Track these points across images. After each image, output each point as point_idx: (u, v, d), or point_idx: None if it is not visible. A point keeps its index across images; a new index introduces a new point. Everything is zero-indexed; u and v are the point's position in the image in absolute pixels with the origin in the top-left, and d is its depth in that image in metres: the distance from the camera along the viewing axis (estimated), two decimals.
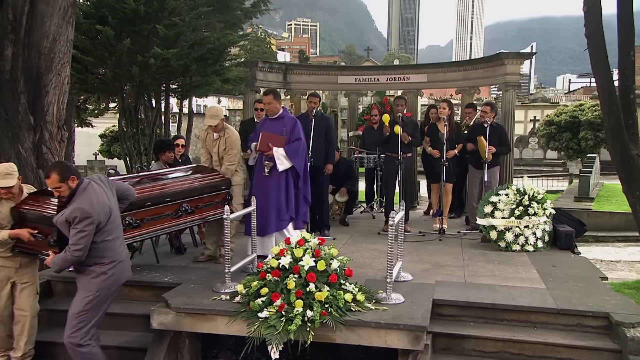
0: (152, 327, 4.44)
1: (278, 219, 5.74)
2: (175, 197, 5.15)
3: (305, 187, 6.00)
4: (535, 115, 28.89)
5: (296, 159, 5.79)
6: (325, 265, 4.36)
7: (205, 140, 5.95)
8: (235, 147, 5.78)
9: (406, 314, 4.23)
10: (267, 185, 5.77)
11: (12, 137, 6.90)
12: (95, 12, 10.62)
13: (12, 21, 6.78)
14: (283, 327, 4.01)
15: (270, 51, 64.03)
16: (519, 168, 25.07)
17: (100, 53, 10.83)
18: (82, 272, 3.98)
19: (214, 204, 5.59)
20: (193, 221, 5.46)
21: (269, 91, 6.00)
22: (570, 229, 6.61)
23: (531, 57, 8.12)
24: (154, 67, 10.54)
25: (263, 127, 5.98)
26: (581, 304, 4.50)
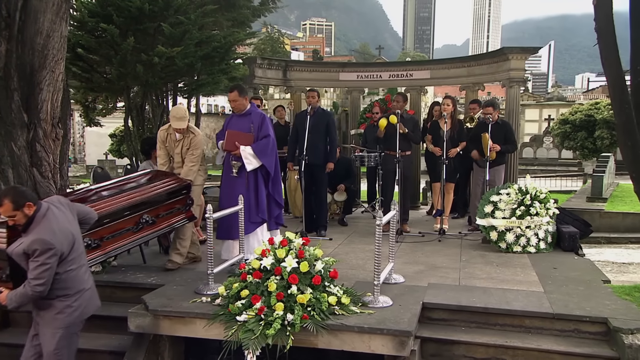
0: (129, 329, 4.29)
1: (248, 222, 5.42)
2: (134, 209, 4.79)
3: (276, 187, 5.76)
4: (550, 114, 28.42)
5: (265, 157, 5.53)
6: (309, 267, 4.19)
7: (165, 141, 5.61)
8: (200, 148, 5.51)
9: (392, 318, 4.04)
10: (235, 186, 5.49)
11: (5, 135, 6.81)
12: (101, 11, 10.56)
13: (6, 17, 6.70)
14: (261, 331, 3.84)
15: (284, 51, 64.00)
16: (533, 168, 24.73)
17: (106, 52, 10.77)
18: (44, 307, 3.53)
19: (176, 210, 5.28)
20: (156, 232, 5.11)
21: (233, 87, 5.70)
22: (574, 229, 6.36)
23: (536, 52, 7.86)
24: (158, 66, 10.45)
25: (230, 124, 5.70)
26: (579, 309, 4.27)
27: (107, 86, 12.17)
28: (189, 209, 5.35)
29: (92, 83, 12.09)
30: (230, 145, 5.44)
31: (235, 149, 5.43)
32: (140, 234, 4.84)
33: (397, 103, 7.24)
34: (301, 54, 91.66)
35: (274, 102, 29.05)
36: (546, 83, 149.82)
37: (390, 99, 9.55)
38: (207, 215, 4.54)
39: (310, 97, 7.04)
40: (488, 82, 9.05)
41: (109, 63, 10.78)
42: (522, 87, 7.97)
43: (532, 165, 25.48)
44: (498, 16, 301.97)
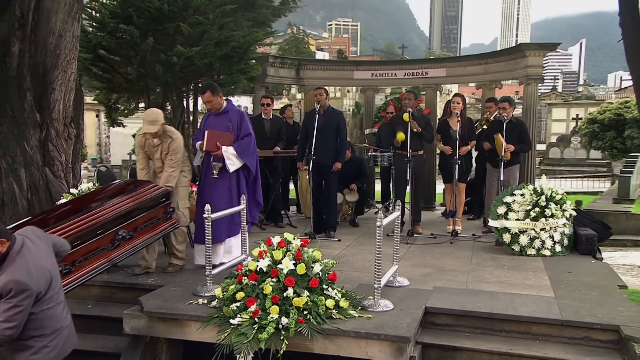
0: (124, 331, 4.23)
1: (231, 224, 5.28)
2: (109, 226, 4.35)
3: (256, 187, 5.60)
4: (577, 114, 27.74)
5: (247, 156, 5.37)
6: (306, 269, 4.07)
7: (144, 146, 5.33)
8: (179, 152, 5.21)
9: (391, 323, 3.90)
10: (216, 187, 5.33)
11: (18, 134, 6.87)
12: (121, 12, 10.65)
13: (20, 18, 6.75)
14: (254, 335, 3.74)
15: (309, 51, 64.00)
16: (560, 168, 24.21)
17: (126, 52, 10.87)
18: (17, 349, 3.21)
19: (156, 220, 4.92)
20: (135, 247, 4.68)
21: (205, 88, 5.45)
22: (592, 232, 6.11)
23: (554, 48, 7.59)
24: (177, 66, 10.49)
25: (207, 124, 5.48)
26: (590, 315, 4.07)
27: (128, 87, 12.26)
28: (171, 216, 5.08)
29: (112, 84, 12.21)
30: (211, 146, 5.21)
31: (217, 150, 5.23)
32: (117, 252, 4.43)
33: (409, 101, 7.07)
34: (326, 54, 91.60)
35: (295, 101, 28.93)
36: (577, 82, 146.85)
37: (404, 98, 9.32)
38: (205, 216, 4.47)
39: (318, 95, 6.91)
40: (505, 79, 8.81)
41: (129, 64, 10.88)
42: (540, 84, 7.71)
43: (559, 166, 24.93)
44: (527, 14, 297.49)
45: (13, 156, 6.86)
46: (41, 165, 7.06)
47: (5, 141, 6.81)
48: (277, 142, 7.76)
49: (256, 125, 7.83)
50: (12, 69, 6.80)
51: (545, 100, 35.46)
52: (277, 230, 7.53)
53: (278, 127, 7.87)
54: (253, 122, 8.04)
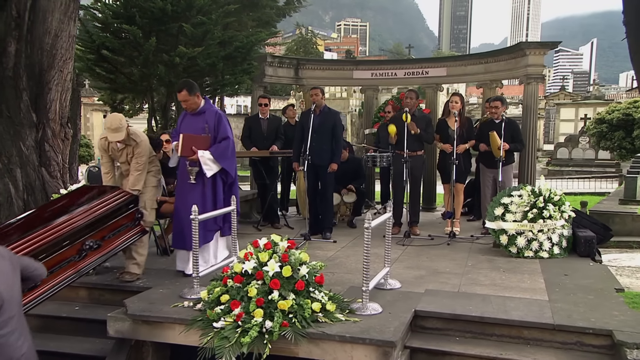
0: (108, 334, 4.18)
1: (204, 230, 5.04)
2: (75, 236, 4.12)
3: (234, 191, 5.35)
4: (586, 113, 27.48)
5: (225, 160, 5.14)
6: (292, 271, 4.00)
7: (108, 149, 5.09)
8: (145, 155, 5.01)
9: (377, 326, 3.81)
10: (190, 191, 5.13)
11: (14, 134, 6.85)
12: (124, 12, 10.66)
13: (16, 17, 6.73)
14: (237, 339, 3.67)
15: (317, 51, 63.97)
16: (568, 169, 24.00)
17: (130, 53, 10.88)
18: None
19: (124, 227, 4.69)
20: (104, 255, 4.44)
21: (181, 86, 5.16)
22: (591, 234, 5.98)
23: (555, 47, 7.48)
24: (180, 66, 10.48)
25: (182, 125, 5.29)
26: (583, 320, 3.96)
27: (131, 87, 12.25)
28: (139, 222, 4.85)
29: (116, 84, 12.22)
30: (186, 151, 4.98)
31: (192, 154, 4.99)
32: (85, 262, 4.21)
33: (410, 100, 6.98)
34: (334, 54, 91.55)
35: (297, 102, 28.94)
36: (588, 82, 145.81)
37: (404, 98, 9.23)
38: (192, 217, 4.40)
39: (314, 95, 6.82)
40: (505, 78, 8.68)
41: (133, 64, 10.89)
42: (540, 83, 7.59)
43: (567, 166, 24.72)
44: (538, 14, 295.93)
45: (9, 156, 6.84)
46: (37, 166, 7.04)
47: (1, 141, 6.79)
48: (275, 142, 7.70)
49: (253, 125, 7.82)
50: (8, 69, 6.78)
51: (554, 100, 35.20)
52: (273, 231, 7.45)
53: (275, 127, 7.82)
54: (250, 122, 8.05)
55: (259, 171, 7.70)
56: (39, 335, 4.51)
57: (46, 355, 4.33)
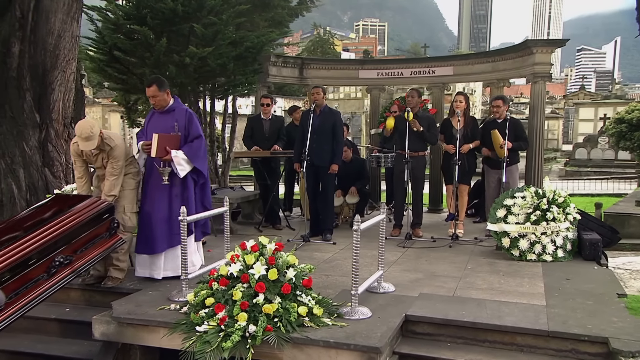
0: (93, 337, 4.14)
1: (171, 234, 4.86)
2: (44, 253, 3.82)
3: (204, 192, 5.21)
4: (605, 113, 26.94)
5: (198, 160, 4.98)
6: (278, 274, 3.92)
7: (81, 154, 4.81)
8: (121, 159, 4.76)
9: (364, 332, 3.71)
10: (161, 193, 4.92)
11: (17, 134, 6.88)
12: (136, 13, 10.71)
13: (20, 18, 6.77)
14: (218, 344, 3.59)
15: (334, 52, 63.92)
16: (586, 169, 23.55)
17: (141, 53, 10.94)
18: None
19: (99, 239, 4.39)
20: (75, 272, 4.12)
21: (151, 81, 4.99)
22: (597, 236, 5.80)
23: (563, 45, 7.28)
24: (191, 67, 10.51)
25: (151, 123, 5.08)
26: (579, 326, 3.81)
27: (143, 88, 12.30)
28: (116, 232, 4.57)
29: (127, 85, 12.33)
30: (160, 152, 4.77)
31: (166, 154, 4.80)
32: (54, 280, 3.90)
33: (412, 99, 6.86)
34: (352, 54, 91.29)
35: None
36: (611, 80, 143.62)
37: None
38: (181, 218, 4.34)
39: (315, 94, 6.71)
40: (513, 77, 8.50)
41: (144, 65, 10.95)
42: (547, 81, 7.40)
43: (586, 167, 24.26)
44: (559, 12, 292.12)
45: (12, 156, 6.88)
46: (40, 166, 7.06)
47: (4, 142, 6.83)
48: (277, 142, 7.63)
49: (255, 125, 7.76)
50: (12, 70, 6.82)
51: (573, 99, 34.65)
52: (274, 232, 7.41)
53: (277, 128, 7.75)
54: (252, 122, 7.99)
55: (261, 172, 7.65)
56: (28, 337, 4.54)
57: (34, 358, 4.33)
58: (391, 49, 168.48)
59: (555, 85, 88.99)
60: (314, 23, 74.35)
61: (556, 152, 30.76)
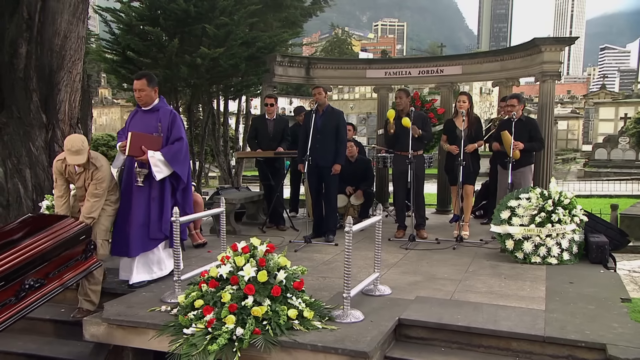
0: (83, 338, 4.12)
1: (147, 238, 4.72)
2: (12, 276, 3.56)
3: (187, 198, 5.01)
4: (626, 113, 26.44)
5: (178, 164, 4.76)
6: (268, 276, 3.86)
7: (64, 172, 4.59)
8: (106, 181, 4.54)
9: (354, 335, 3.64)
10: (137, 195, 4.74)
11: (24, 135, 6.94)
12: (149, 14, 10.79)
13: (27, 19, 6.82)
14: (205, 346, 3.55)
15: (351, 52, 63.84)
16: (606, 170, 23.14)
17: (154, 54, 11.03)
18: None
19: (73, 262, 4.09)
20: (47, 295, 3.84)
21: (141, 74, 4.84)
22: (604, 239, 5.64)
23: (572, 43, 7.10)
24: (202, 67, 10.56)
25: (133, 122, 4.89)
26: (577, 332, 3.69)
27: None
28: (92, 254, 4.27)
29: None
30: (135, 150, 4.58)
31: (142, 154, 4.60)
32: (23, 304, 3.64)
33: (401, 100, 6.74)
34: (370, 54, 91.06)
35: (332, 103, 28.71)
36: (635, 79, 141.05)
37: (418, 97, 9.00)
38: (173, 219, 4.31)
39: (317, 94, 6.64)
40: (522, 76, 8.33)
41: (157, 65, 11.03)
42: (557, 80, 7.23)
43: (606, 168, 23.82)
44: (582, 10, 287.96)
45: (18, 157, 6.93)
46: (47, 166, 7.10)
47: (11, 142, 6.89)
48: (281, 142, 7.58)
49: (259, 125, 7.71)
50: (19, 70, 6.87)
51: (593, 99, 34.08)
52: (278, 233, 7.36)
53: (282, 128, 7.68)
54: (256, 122, 7.95)
55: (265, 172, 7.60)
56: (22, 338, 4.55)
57: (26, 358, 4.33)
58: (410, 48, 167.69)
59: (577, 84, 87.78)
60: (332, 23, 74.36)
61: (576, 153, 30.29)
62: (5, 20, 6.83)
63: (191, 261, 5.63)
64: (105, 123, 34.37)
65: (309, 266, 5.52)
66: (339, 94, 28.67)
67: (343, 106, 27.39)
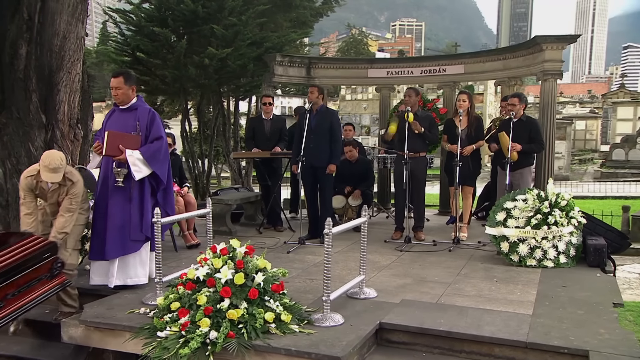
0: (62, 340, 4.10)
1: (128, 240, 4.60)
2: None
3: (168, 198, 4.89)
4: None
5: (157, 163, 4.65)
6: (245, 279, 3.80)
7: (35, 188, 4.38)
8: (80, 195, 4.40)
9: (330, 339, 3.56)
10: (116, 197, 4.63)
11: (23, 135, 6.95)
12: (158, 15, 10.86)
13: (27, 20, 6.85)
14: (177, 350, 3.50)
15: (367, 52, 63.77)
16: (624, 171, 22.75)
17: (163, 55, 11.09)
18: None
19: (36, 281, 3.87)
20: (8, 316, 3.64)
21: (119, 72, 4.78)
22: (602, 242, 5.48)
23: (574, 41, 6.93)
24: (211, 68, 10.59)
25: (110, 121, 4.78)
26: (561, 337, 3.57)
27: (165, 89, 12.54)
28: (59, 273, 4.05)
29: (149, 86, 12.55)
30: (112, 150, 4.48)
31: (120, 154, 4.50)
32: None
33: (410, 98, 6.66)
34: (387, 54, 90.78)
35: (345, 103, 28.57)
36: None
37: (421, 98, 8.87)
38: (155, 220, 4.27)
39: (310, 94, 6.60)
40: (524, 75, 8.17)
41: (166, 66, 11.10)
42: (558, 79, 7.07)
43: (623, 169, 23.39)
44: (604, 8, 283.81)
45: (18, 157, 6.94)
46: None
47: (10, 142, 6.90)
48: (278, 142, 7.53)
49: (257, 125, 7.66)
50: (19, 71, 6.89)
51: (612, 98, 33.50)
52: (275, 234, 7.31)
53: (279, 128, 7.64)
54: (254, 122, 7.91)
55: (262, 173, 7.56)
56: (4, 339, 4.52)
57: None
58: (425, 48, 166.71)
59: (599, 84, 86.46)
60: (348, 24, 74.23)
61: (594, 153, 29.76)
62: (7, 21, 6.86)
63: (181, 262, 5.60)
64: None
65: (299, 268, 5.50)
66: (352, 94, 28.49)
67: (356, 106, 27.26)
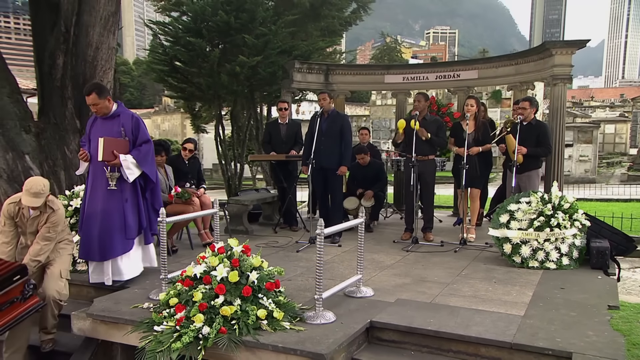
0: (71, 331, 4.32)
1: (124, 239, 4.87)
2: None
3: (155, 195, 5.17)
4: None
5: (147, 164, 4.95)
6: (240, 277, 3.95)
7: (15, 216, 4.37)
8: (60, 224, 4.49)
9: (318, 337, 3.67)
10: (110, 199, 4.85)
11: (59, 139, 7.36)
12: (194, 26, 11.34)
13: (64, 32, 7.25)
14: (170, 344, 3.66)
15: (401, 59, 63.95)
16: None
17: (198, 64, 11.58)
18: None
19: (8, 304, 3.78)
20: None
21: (89, 89, 4.86)
22: (606, 244, 5.45)
23: (583, 46, 6.88)
24: (242, 75, 10.97)
25: (94, 128, 4.99)
26: (547, 339, 3.60)
27: (200, 95, 13.08)
28: (32, 294, 3.98)
29: (185, 93, 13.16)
30: (108, 155, 4.72)
31: (114, 158, 4.75)
32: None
33: (419, 103, 6.73)
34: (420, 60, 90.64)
35: (375, 108, 28.64)
36: None
37: (435, 101, 8.95)
38: (160, 219, 4.45)
39: (322, 100, 6.79)
40: (535, 80, 8.15)
41: (201, 74, 11.59)
42: (568, 84, 7.05)
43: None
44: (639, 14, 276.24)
45: (54, 159, 7.34)
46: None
47: (47, 146, 7.31)
48: (293, 146, 7.77)
49: (273, 130, 7.89)
50: (56, 80, 7.32)
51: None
52: (290, 233, 7.51)
53: (294, 132, 7.85)
54: (270, 127, 8.12)
55: (277, 175, 7.79)
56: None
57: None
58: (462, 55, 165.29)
59: (632, 88, 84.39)
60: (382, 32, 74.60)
61: (623, 156, 29.15)
62: (47, 33, 7.28)
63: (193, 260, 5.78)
64: (168, 129, 36.66)
65: (304, 266, 5.64)
66: (382, 99, 28.51)
67: (386, 111, 27.25)
